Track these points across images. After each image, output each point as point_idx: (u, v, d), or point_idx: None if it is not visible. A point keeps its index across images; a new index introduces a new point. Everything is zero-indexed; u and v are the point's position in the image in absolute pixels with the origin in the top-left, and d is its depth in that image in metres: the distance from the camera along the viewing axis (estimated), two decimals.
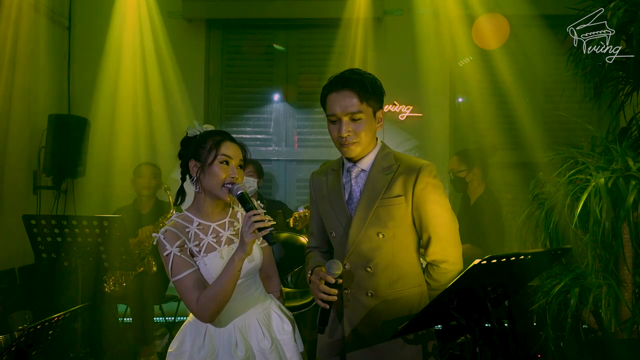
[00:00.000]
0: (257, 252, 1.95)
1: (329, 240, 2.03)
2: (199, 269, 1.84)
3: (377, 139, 1.96)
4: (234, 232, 1.95)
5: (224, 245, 1.90)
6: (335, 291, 1.78)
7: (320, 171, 2.07)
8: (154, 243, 1.88)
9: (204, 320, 1.83)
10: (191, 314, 1.97)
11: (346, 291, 1.91)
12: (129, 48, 4.75)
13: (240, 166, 1.91)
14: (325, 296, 1.78)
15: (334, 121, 1.88)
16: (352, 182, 1.93)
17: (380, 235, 1.87)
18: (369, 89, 1.86)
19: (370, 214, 1.86)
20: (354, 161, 1.92)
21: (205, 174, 1.87)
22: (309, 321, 3.81)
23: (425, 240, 1.91)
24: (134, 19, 4.73)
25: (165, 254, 1.82)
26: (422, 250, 1.98)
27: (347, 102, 1.84)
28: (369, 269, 1.88)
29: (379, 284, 1.88)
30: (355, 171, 1.93)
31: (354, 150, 1.87)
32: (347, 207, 1.92)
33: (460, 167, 3.80)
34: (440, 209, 1.87)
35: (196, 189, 1.92)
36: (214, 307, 1.79)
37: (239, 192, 1.81)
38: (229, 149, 1.89)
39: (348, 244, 1.89)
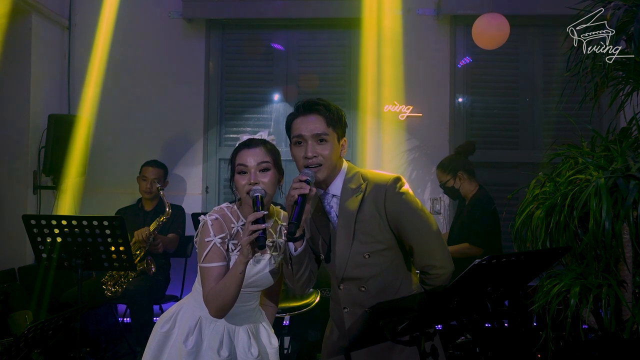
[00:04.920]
0: (268, 271, 1.96)
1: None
2: (228, 264, 1.88)
3: (342, 161, 1.96)
4: (270, 244, 1.98)
5: (257, 252, 1.91)
6: (305, 185, 1.76)
7: None
8: (200, 225, 1.91)
9: (210, 312, 1.88)
10: (189, 295, 2.05)
11: (346, 310, 1.94)
12: (129, 48, 4.76)
13: (264, 169, 1.90)
14: (296, 191, 1.75)
15: (299, 142, 1.88)
16: (327, 207, 1.94)
17: (366, 256, 1.89)
18: (334, 116, 1.89)
19: (351, 237, 1.88)
20: (324, 188, 1.93)
21: (235, 187, 1.94)
22: (309, 321, 3.82)
23: (410, 250, 1.93)
24: (134, 19, 4.74)
25: (206, 239, 1.87)
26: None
27: (314, 124, 1.86)
28: (362, 289, 1.91)
29: (375, 301, 1.91)
30: (327, 198, 1.94)
31: (320, 173, 1.86)
32: (333, 230, 1.93)
33: (445, 177, 3.83)
34: (415, 218, 1.87)
35: (237, 199, 1.97)
36: (217, 304, 1.83)
37: (254, 195, 1.84)
38: (243, 157, 1.91)
39: (338, 268, 1.91)
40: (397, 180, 1.89)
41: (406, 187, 1.90)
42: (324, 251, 1.96)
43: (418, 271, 2.00)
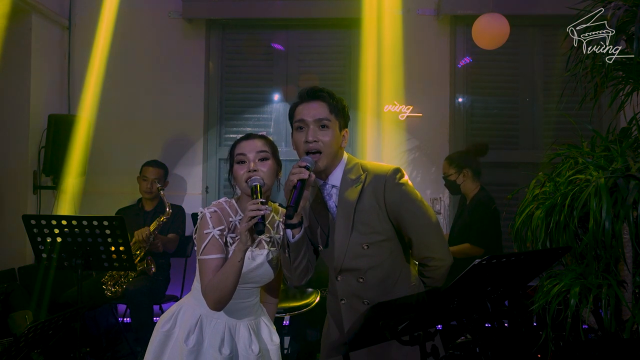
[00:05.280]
0: (267, 267, 1.97)
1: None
2: (226, 257, 1.88)
3: (343, 151, 1.97)
4: (268, 239, 1.99)
5: (255, 246, 1.92)
6: (305, 170, 1.76)
7: None
8: (199, 219, 1.92)
9: (208, 305, 1.88)
10: (189, 294, 2.06)
11: (343, 302, 1.93)
12: (129, 48, 4.76)
13: (263, 158, 1.93)
14: (295, 176, 1.76)
15: (300, 127, 1.89)
16: (327, 198, 1.94)
17: (365, 247, 1.88)
18: (338, 104, 1.91)
19: (350, 227, 1.88)
20: (324, 178, 1.93)
21: (234, 179, 1.96)
22: (309, 321, 3.82)
23: (409, 242, 1.92)
24: (134, 19, 4.74)
25: (205, 231, 1.88)
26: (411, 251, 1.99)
27: (317, 109, 1.88)
28: (360, 280, 1.91)
29: (373, 292, 1.90)
30: (327, 188, 1.94)
31: (320, 162, 1.86)
32: (333, 220, 1.93)
33: (450, 170, 3.84)
34: (414, 209, 1.88)
35: (236, 193, 1.99)
36: (216, 295, 1.84)
37: (252, 184, 1.86)
38: (242, 147, 1.94)
39: (336, 259, 1.91)
40: (397, 171, 1.89)
41: (406, 178, 1.90)
42: (322, 242, 1.95)
43: (417, 263, 2.00)
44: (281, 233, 2.01)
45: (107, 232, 3.02)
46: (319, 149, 1.86)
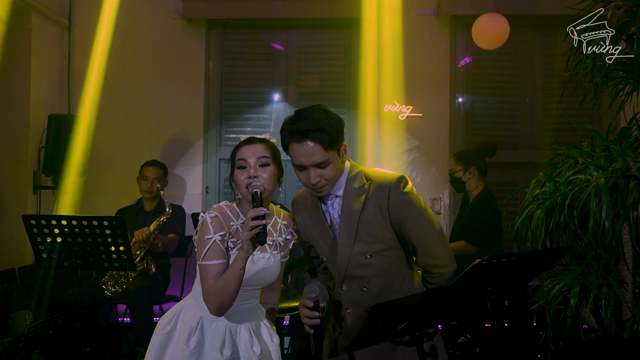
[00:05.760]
0: (268, 270, 1.97)
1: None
2: (228, 262, 1.88)
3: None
4: (270, 243, 1.98)
5: (257, 250, 1.91)
6: (316, 314, 1.78)
7: (300, 196, 2.05)
8: (200, 223, 1.90)
9: (210, 310, 1.88)
10: (189, 295, 2.05)
11: (348, 311, 1.94)
12: (129, 48, 4.76)
13: (264, 164, 1.90)
14: (308, 320, 1.79)
15: (301, 169, 1.85)
16: (330, 208, 1.94)
17: (368, 256, 1.88)
18: (331, 136, 1.80)
19: (353, 237, 1.87)
20: None
21: (234, 183, 1.94)
22: None
23: (412, 249, 1.92)
24: (134, 19, 4.74)
25: (206, 237, 1.87)
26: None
27: (312, 153, 1.79)
28: (364, 289, 1.91)
29: (377, 300, 1.90)
30: (330, 198, 1.93)
31: (325, 190, 1.86)
32: (332, 232, 1.92)
33: (456, 167, 3.84)
34: (418, 218, 1.87)
35: (236, 197, 1.98)
36: (217, 301, 1.84)
37: (252, 190, 1.84)
38: (243, 152, 1.92)
39: (339, 269, 1.91)
40: (401, 179, 1.88)
41: (410, 186, 1.89)
42: (324, 252, 1.95)
43: (420, 270, 2.00)
44: (283, 236, 2.01)
45: (107, 232, 3.02)
46: (324, 185, 1.85)
